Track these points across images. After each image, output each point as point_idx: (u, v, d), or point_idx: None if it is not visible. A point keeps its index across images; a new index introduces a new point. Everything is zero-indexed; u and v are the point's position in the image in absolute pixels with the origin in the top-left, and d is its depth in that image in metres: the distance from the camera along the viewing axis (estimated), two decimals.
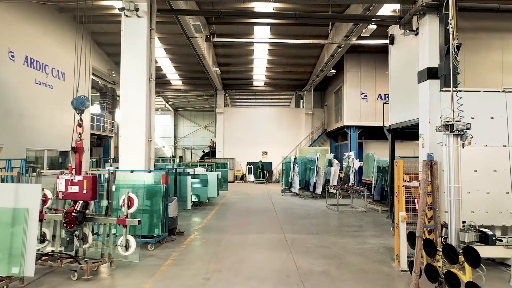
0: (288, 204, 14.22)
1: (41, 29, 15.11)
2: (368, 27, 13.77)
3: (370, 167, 16.48)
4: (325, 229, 9.40)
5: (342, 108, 22.80)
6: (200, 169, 14.09)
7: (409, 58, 9.83)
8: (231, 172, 26.48)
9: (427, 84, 8.01)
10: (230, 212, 12.27)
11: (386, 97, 21.89)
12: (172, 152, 41.80)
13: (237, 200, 15.41)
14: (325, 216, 11.61)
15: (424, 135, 8.11)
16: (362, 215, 11.79)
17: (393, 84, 11.01)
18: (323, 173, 16.35)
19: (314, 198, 16.17)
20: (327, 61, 19.66)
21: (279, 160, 26.72)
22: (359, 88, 21.91)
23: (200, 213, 11.92)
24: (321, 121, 28.63)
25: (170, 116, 42.02)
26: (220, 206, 13.60)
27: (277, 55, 22.23)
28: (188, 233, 8.78)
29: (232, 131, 28.49)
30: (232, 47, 21.02)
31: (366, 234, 8.89)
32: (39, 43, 15.01)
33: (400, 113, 10.26)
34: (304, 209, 12.91)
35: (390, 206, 10.94)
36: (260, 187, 22.46)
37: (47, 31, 15.49)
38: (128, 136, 8.05)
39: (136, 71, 8.10)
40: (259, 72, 25.46)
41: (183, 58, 22.80)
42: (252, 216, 11.57)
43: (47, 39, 15.54)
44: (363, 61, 21.89)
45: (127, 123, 8.08)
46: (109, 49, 21.69)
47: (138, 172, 7.78)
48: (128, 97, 8.10)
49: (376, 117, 21.88)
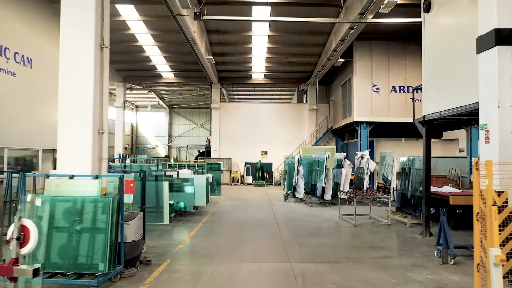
0: (293, 214, 11.81)
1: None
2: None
3: (387, 168, 14.08)
4: (346, 254, 6.98)
5: (351, 102, 20.38)
6: (186, 171, 11.69)
7: (457, 24, 7.41)
8: (228, 173, 24.06)
9: (493, 53, 5.63)
10: (220, 225, 9.85)
11: (401, 89, 19.49)
12: (166, 152, 39.38)
13: (231, 208, 12.99)
14: (340, 231, 9.19)
15: (488, 125, 5.71)
16: (387, 229, 9.37)
17: (429, 64, 8.57)
18: (332, 176, 13.95)
19: (322, 205, 13.75)
20: (335, 47, 17.24)
21: (280, 161, 24.28)
22: (370, 80, 19.49)
23: (183, 227, 9.50)
24: (326, 118, 26.19)
25: (164, 113, 39.61)
26: (210, 216, 11.18)
27: (278, 42, 19.80)
28: (158, 261, 6.36)
29: (229, 129, 26.05)
30: (227, 33, 18.62)
31: (403, 262, 6.46)
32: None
33: (441, 100, 7.84)
34: (313, 221, 10.49)
35: (425, 220, 8.52)
36: (259, 191, 20.04)
37: (7, 9, 13.08)
38: (67, 126, 5.63)
39: (81, 33, 5.68)
40: (258, 63, 23.03)
41: (174, 47, 20.39)
42: (248, 231, 9.15)
43: (8, 20, 13.11)
44: (374, 49, 19.47)
45: (66, 106, 5.65)
46: None
47: (80, 178, 5.37)
48: (68, 69, 5.68)
49: (390, 112, 19.48)
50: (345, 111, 22.06)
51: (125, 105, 35.19)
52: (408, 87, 19.44)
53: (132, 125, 39.14)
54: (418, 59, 19.87)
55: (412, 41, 19.40)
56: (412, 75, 19.42)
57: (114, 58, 22.52)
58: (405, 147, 20.72)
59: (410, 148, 20.56)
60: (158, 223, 8.44)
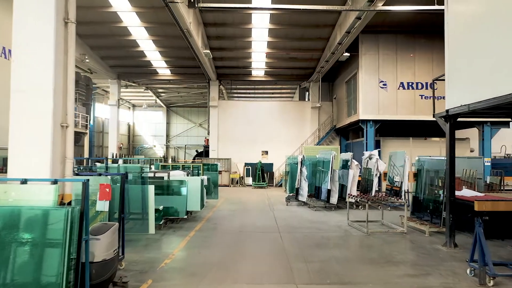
0: (296, 220, 10.72)
1: None
2: None
3: (395, 169, 12.99)
4: (361, 271, 5.90)
5: (356, 99, 19.29)
6: (179, 173, 10.60)
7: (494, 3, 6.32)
8: (226, 174, 22.96)
9: None
10: (215, 234, 8.77)
11: (409, 85, 18.40)
12: (164, 152, 38.32)
13: (228, 213, 11.90)
14: (351, 241, 8.11)
15: None
16: (404, 239, 8.29)
17: (453, 52, 7.46)
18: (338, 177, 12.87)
19: (327, 209, 12.66)
20: (340, 40, 16.14)
21: (281, 161, 23.20)
22: (377, 75, 18.40)
23: (173, 236, 8.42)
24: (329, 116, 25.09)
25: (162, 112, 38.58)
26: (205, 222, 10.10)
27: (280, 36, 18.74)
28: (137, 281, 5.29)
29: (228, 128, 24.96)
30: (225, 26, 17.55)
31: (432, 283, 5.38)
32: None
33: (469, 92, 6.75)
34: (319, 228, 9.40)
35: (449, 229, 7.43)
36: (259, 193, 18.96)
37: None
38: (21, 119, 4.55)
39: (38, 4, 4.60)
40: (258, 58, 21.95)
41: (169, 41, 19.34)
42: (246, 242, 8.08)
43: None
44: (381, 42, 18.38)
45: (20, 94, 4.57)
46: (80, 28, 18.19)
47: (35, 182, 4.30)
48: (22, 49, 4.60)
49: (398, 110, 18.39)
50: (350, 109, 20.97)
51: (121, 104, 34.19)
52: (417, 83, 18.35)
53: (128, 124, 38.10)
54: (428, 53, 18.92)
55: (421, 34, 18.32)
56: (421, 70, 18.33)
57: (106, 54, 21.46)
58: (414, 146, 19.61)
59: (418, 148, 19.44)
60: (144, 232, 7.36)
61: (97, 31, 18.36)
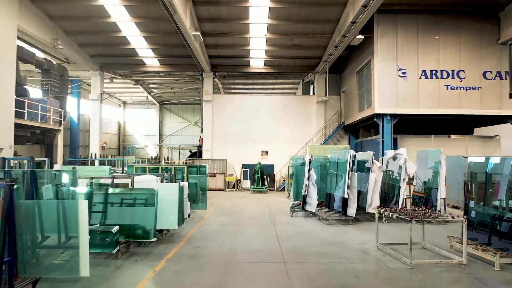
0: (305, 239, 8.11)
1: None
2: None
3: (433, 174, 10.39)
4: None
5: (370, 91, 16.71)
6: (148, 178, 7.99)
7: None
8: (221, 177, 20.36)
9: None
10: (193, 266, 6.16)
11: (432, 74, 15.80)
12: (157, 153, 35.73)
13: (217, 230, 9.27)
14: (393, 281, 5.49)
15: None
16: (465, 275, 5.69)
17: None
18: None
19: (343, 223, 10.04)
20: (354, 19, 13.57)
21: (283, 162, 20.61)
22: (395, 62, 15.83)
23: (128, 273, 5.80)
24: (337, 112, 22.49)
25: (154, 110, 36.01)
26: (183, 245, 7.49)
27: (282, 18, 16.20)
28: None
29: (223, 125, 22.37)
30: (219, 4, 15.00)
31: None
32: None
33: None
34: (339, 255, 6.79)
35: None
36: (258, 199, 16.34)
37: None
38: None
39: None
40: (257, 45, 19.37)
41: (155, 24, 16.83)
42: (235, 281, 5.47)
43: None
44: (400, 23, 15.81)
45: None
46: (52, 8, 15.66)
47: None
48: None
49: (420, 102, 15.80)
50: (362, 103, 18.36)
51: (110, 100, 31.59)
52: (441, 71, 15.76)
53: (119, 123, 35.51)
54: (454, 36, 16.10)
55: (446, 14, 15.74)
56: (446, 56, 15.75)
57: (85, 40, 18.88)
58: (436, 145, 16.97)
59: (441, 147, 16.72)
60: (72, 275, 4.69)
61: (71, 11, 15.82)
